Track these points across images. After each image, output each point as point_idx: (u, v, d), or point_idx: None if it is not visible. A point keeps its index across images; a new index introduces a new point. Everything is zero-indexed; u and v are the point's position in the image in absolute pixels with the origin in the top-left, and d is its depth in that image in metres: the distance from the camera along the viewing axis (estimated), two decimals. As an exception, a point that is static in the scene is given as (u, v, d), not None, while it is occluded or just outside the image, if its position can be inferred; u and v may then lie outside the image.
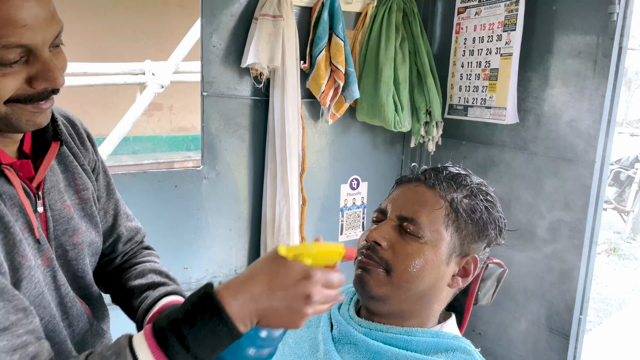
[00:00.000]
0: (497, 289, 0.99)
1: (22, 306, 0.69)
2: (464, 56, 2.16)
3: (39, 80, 0.70)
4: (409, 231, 0.83)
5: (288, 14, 1.91)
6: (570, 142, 1.88)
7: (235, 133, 2.04)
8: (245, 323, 0.66)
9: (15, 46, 0.66)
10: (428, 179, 0.87)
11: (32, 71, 0.70)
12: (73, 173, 0.92)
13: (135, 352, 0.64)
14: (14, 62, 0.67)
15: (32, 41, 0.67)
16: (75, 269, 0.91)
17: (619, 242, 5.81)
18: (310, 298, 0.67)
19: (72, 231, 0.89)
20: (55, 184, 0.87)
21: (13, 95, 0.69)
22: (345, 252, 0.72)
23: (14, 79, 0.69)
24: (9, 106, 0.70)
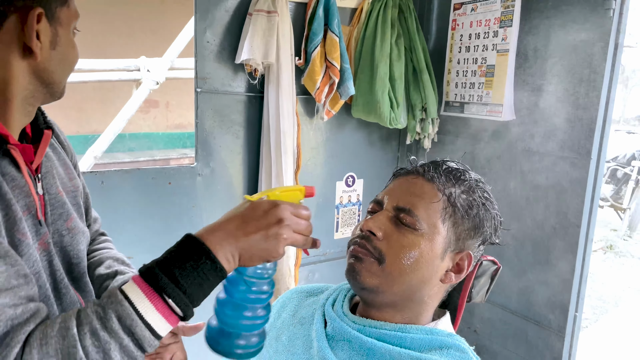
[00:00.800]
0: (490, 286, 0.98)
1: (24, 272, 0.71)
2: (459, 53, 2.15)
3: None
4: (405, 222, 0.82)
5: (283, 10, 1.90)
6: (566, 139, 1.87)
7: (229, 130, 2.03)
8: (227, 258, 0.69)
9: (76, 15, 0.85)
10: (427, 171, 0.86)
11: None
12: (64, 162, 0.98)
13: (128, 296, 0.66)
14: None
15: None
16: (70, 255, 0.94)
17: (616, 239, 5.82)
18: (283, 221, 0.71)
19: (66, 216, 0.93)
20: (50, 169, 0.92)
21: None
22: (306, 190, 0.79)
23: None
24: None
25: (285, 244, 0.73)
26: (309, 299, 1.01)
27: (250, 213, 0.72)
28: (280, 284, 2.08)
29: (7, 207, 0.76)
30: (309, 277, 2.36)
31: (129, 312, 0.65)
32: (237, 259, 0.71)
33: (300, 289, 1.06)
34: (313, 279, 2.37)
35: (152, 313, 0.66)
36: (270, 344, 0.94)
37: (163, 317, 0.66)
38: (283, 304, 1.03)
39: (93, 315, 0.65)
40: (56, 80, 0.84)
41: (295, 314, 0.98)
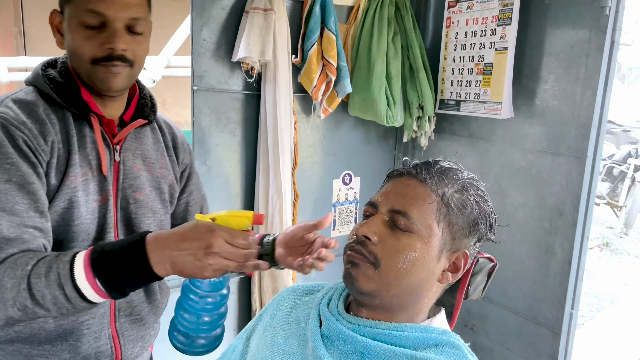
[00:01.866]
0: (487, 283, 0.98)
1: (41, 209, 0.91)
2: (455, 50, 2.15)
3: (106, 43, 0.95)
4: (400, 225, 0.82)
5: (279, 7, 1.89)
6: (562, 137, 1.88)
7: (226, 128, 2.02)
8: (160, 264, 0.82)
9: (96, 12, 0.94)
10: (419, 173, 0.86)
11: (103, 37, 0.95)
12: (161, 154, 1.15)
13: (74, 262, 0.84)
14: (93, 27, 0.95)
15: (107, 12, 0.94)
16: (132, 223, 1.08)
17: (612, 237, 5.84)
18: (211, 248, 0.80)
19: (137, 187, 1.08)
20: (134, 149, 1.09)
21: (92, 56, 0.96)
22: (254, 217, 0.84)
23: (93, 42, 0.95)
24: (92, 65, 0.97)
25: (213, 269, 0.82)
26: (305, 298, 1.01)
27: (189, 232, 0.82)
28: (278, 282, 2.08)
29: (68, 153, 0.97)
30: (306, 276, 2.35)
31: (66, 274, 0.83)
32: (168, 267, 0.82)
33: (297, 287, 1.06)
34: (310, 277, 2.36)
35: (83, 281, 0.82)
36: (265, 344, 0.94)
37: (91, 287, 0.83)
38: (279, 302, 1.03)
39: (45, 264, 0.84)
40: (76, 66, 1.00)
41: (291, 313, 0.98)
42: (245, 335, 1.04)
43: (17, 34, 1.41)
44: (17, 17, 1.44)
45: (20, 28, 1.42)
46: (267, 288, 2.09)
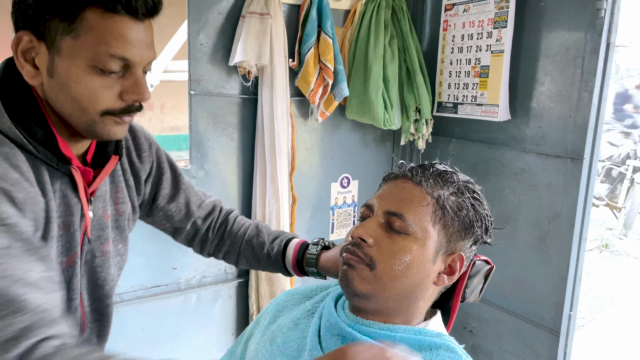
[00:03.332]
0: (484, 286, 0.98)
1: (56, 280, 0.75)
2: (452, 53, 2.16)
3: (130, 94, 0.80)
4: (396, 227, 0.82)
5: (276, 12, 1.90)
6: (559, 138, 1.88)
7: (223, 132, 2.03)
8: None
9: (119, 57, 0.77)
10: (415, 175, 0.86)
11: (125, 85, 0.80)
12: (117, 186, 0.98)
13: None
14: (114, 72, 0.78)
15: (133, 57, 0.78)
16: (97, 277, 0.96)
17: (611, 238, 5.84)
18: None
19: (104, 239, 0.95)
20: (103, 193, 0.94)
21: (106, 108, 0.80)
22: None
23: (111, 91, 0.79)
24: (100, 117, 0.80)
25: None
26: (306, 303, 1.00)
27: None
28: (276, 286, 2.08)
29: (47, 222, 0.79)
30: (304, 279, 2.35)
31: None
32: None
33: (294, 291, 1.06)
34: (308, 280, 2.37)
35: None
36: (264, 347, 0.94)
37: None
38: (277, 306, 1.03)
39: None
40: (65, 112, 0.80)
41: (290, 316, 0.98)
42: (243, 339, 1.04)
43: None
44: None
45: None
46: (264, 292, 2.09)
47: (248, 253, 1.17)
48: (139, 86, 0.80)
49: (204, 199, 1.19)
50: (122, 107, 0.81)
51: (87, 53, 0.75)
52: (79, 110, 0.79)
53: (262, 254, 1.16)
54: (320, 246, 1.13)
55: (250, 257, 1.18)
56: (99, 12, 0.74)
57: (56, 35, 0.75)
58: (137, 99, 0.81)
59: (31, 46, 0.76)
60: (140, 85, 0.80)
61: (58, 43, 0.75)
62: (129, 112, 0.82)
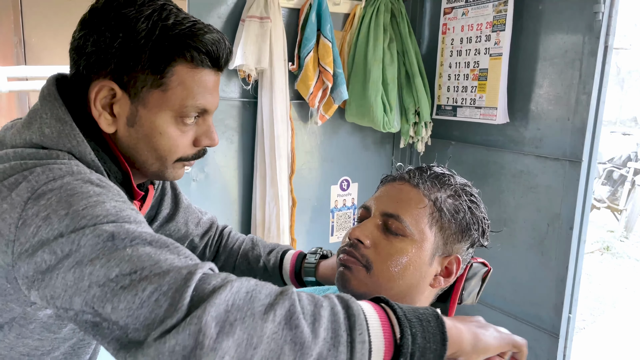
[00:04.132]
0: (481, 288, 0.98)
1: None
2: (451, 57, 2.17)
3: (202, 140, 0.82)
4: (393, 229, 0.83)
5: (275, 16, 1.91)
6: (557, 141, 1.89)
7: (223, 135, 2.04)
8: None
9: (201, 108, 0.78)
10: (412, 177, 0.87)
11: (199, 132, 0.81)
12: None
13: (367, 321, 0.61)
14: (191, 121, 0.79)
15: (211, 107, 0.80)
16: None
17: (612, 240, 5.83)
18: None
19: None
20: None
21: (181, 155, 0.81)
22: None
23: (186, 139, 0.80)
24: (173, 164, 0.82)
25: None
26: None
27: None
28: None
29: None
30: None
31: (363, 324, 0.60)
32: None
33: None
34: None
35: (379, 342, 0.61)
36: None
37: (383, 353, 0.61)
38: None
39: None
40: (139, 159, 0.80)
41: None
42: None
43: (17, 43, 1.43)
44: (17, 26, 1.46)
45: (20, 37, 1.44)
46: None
47: (243, 267, 1.14)
48: (211, 132, 0.82)
49: (201, 216, 1.17)
50: (194, 153, 0.83)
51: (175, 106, 0.76)
52: (156, 158, 0.80)
53: (258, 267, 1.13)
54: (319, 255, 1.11)
55: (245, 271, 1.14)
56: (188, 67, 0.75)
57: (143, 87, 0.74)
58: (209, 144, 0.83)
59: (111, 94, 0.75)
60: (213, 132, 0.82)
61: (144, 95, 0.75)
62: (198, 157, 0.84)
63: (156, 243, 0.62)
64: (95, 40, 0.73)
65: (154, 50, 0.73)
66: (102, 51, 0.73)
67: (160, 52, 0.74)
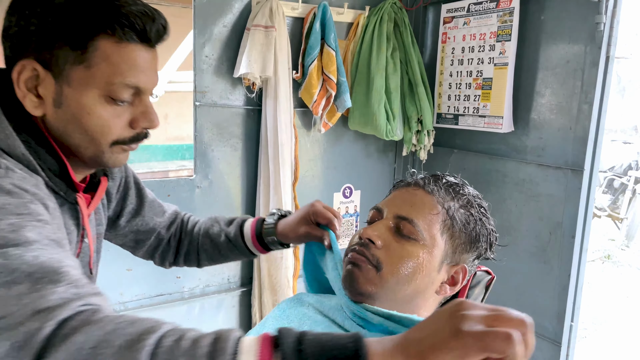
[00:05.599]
0: (485, 296, 0.99)
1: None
2: (452, 65, 2.18)
3: (140, 122, 0.78)
4: (405, 232, 0.83)
5: (280, 25, 1.93)
6: (559, 150, 1.90)
7: (228, 142, 2.05)
8: None
9: (132, 86, 0.75)
10: (427, 184, 0.88)
11: (135, 112, 0.78)
12: (99, 208, 0.95)
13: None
14: (124, 101, 0.76)
15: (145, 85, 0.76)
16: None
17: (613, 249, 5.82)
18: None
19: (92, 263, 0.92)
20: (91, 218, 0.90)
21: (117, 138, 0.77)
22: None
23: (121, 120, 0.77)
24: (110, 147, 0.78)
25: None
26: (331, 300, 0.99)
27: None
28: (279, 294, 2.09)
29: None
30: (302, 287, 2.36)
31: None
32: None
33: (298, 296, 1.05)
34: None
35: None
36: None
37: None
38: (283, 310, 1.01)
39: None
40: (72, 143, 0.76)
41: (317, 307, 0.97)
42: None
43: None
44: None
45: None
46: (267, 301, 2.10)
47: (207, 246, 1.12)
48: (149, 114, 0.78)
49: (166, 209, 1.14)
50: (132, 136, 0.79)
51: (101, 83, 0.72)
52: (88, 142, 0.76)
53: (220, 242, 1.10)
54: (277, 215, 1.08)
55: (210, 249, 1.12)
56: (112, 41, 0.71)
57: (65, 64, 0.71)
58: (147, 126, 0.79)
59: (35, 75, 0.71)
60: (151, 113, 0.78)
61: (68, 73, 0.71)
62: (137, 140, 0.80)
63: (34, 275, 0.54)
64: (17, 20, 0.71)
65: (74, 24, 0.70)
66: (23, 30, 0.71)
67: (80, 25, 0.70)
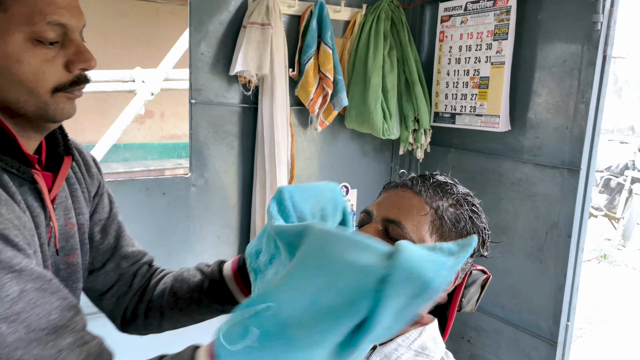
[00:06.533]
0: (480, 295, 0.98)
1: (73, 303, 0.67)
2: (449, 64, 2.18)
3: (76, 63, 0.73)
4: (394, 236, 0.83)
5: (276, 22, 1.92)
6: (556, 149, 1.89)
7: (224, 140, 2.04)
8: None
9: (56, 24, 0.70)
10: (415, 185, 0.87)
11: (68, 54, 0.73)
12: (74, 195, 0.89)
13: None
14: (54, 42, 0.71)
15: (70, 22, 0.71)
16: None
17: (610, 249, 5.84)
18: None
19: (69, 250, 0.86)
20: (63, 200, 0.85)
21: (55, 84, 0.72)
22: None
23: (55, 64, 0.72)
24: (52, 96, 0.72)
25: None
26: None
27: None
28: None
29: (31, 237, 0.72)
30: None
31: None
32: None
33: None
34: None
35: None
36: None
37: None
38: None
39: None
40: (10, 100, 0.71)
41: None
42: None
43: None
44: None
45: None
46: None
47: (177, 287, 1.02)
48: (83, 52, 0.73)
49: (134, 244, 1.06)
50: (71, 80, 0.73)
51: (22, 26, 0.68)
52: (27, 94, 0.71)
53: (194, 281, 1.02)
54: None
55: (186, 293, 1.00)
56: None
57: None
58: (84, 66, 0.74)
59: None
60: (84, 52, 0.74)
61: None
62: (78, 84, 0.75)
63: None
64: None
65: None
66: None
67: None
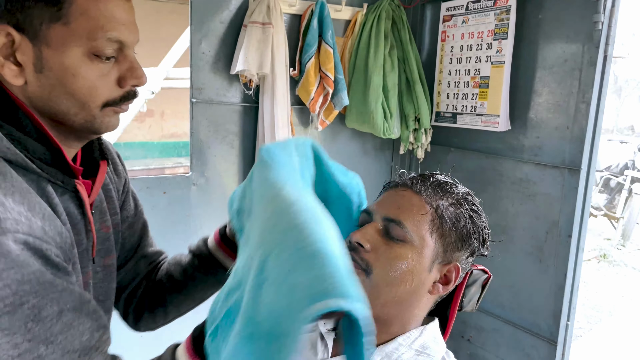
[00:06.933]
0: (481, 295, 0.99)
1: (104, 324, 0.69)
2: (451, 64, 2.18)
3: (128, 79, 0.73)
4: (394, 234, 0.83)
5: (277, 21, 1.92)
6: (556, 149, 1.90)
7: (224, 139, 2.04)
8: None
9: (115, 40, 0.70)
10: (415, 184, 0.88)
11: (121, 70, 0.73)
12: (108, 196, 0.90)
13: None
14: (109, 57, 0.71)
15: (128, 39, 0.72)
16: (99, 292, 0.88)
17: (609, 248, 5.85)
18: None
19: (105, 252, 0.87)
20: (99, 204, 0.86)
21: (107, 99, 0.73)
22: None
23: (108, 80, 0.72)
24: (101, 110, 0.73)
25: None
26: None
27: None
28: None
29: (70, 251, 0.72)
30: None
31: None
32: None
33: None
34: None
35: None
36: None
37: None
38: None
39: None
40: (60, 112, 0.71)
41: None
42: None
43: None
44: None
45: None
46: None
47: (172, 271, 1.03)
48: (136, 69, 0.74)
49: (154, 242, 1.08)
50: (122, 95, 0.74)
51: (82, 40, 0.68)
52: (77, 106, 0.71)
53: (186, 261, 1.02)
54: None
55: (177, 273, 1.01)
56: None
57: (41, 24, 0.66)
58: (136, 83, 0.75)
59: (10, 40, 0.66)
60: (137, 69, 0.74)
61: (45, 33, 0.67)
62: (128, 99, 0.75)
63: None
64: None
65: None
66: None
67: None
